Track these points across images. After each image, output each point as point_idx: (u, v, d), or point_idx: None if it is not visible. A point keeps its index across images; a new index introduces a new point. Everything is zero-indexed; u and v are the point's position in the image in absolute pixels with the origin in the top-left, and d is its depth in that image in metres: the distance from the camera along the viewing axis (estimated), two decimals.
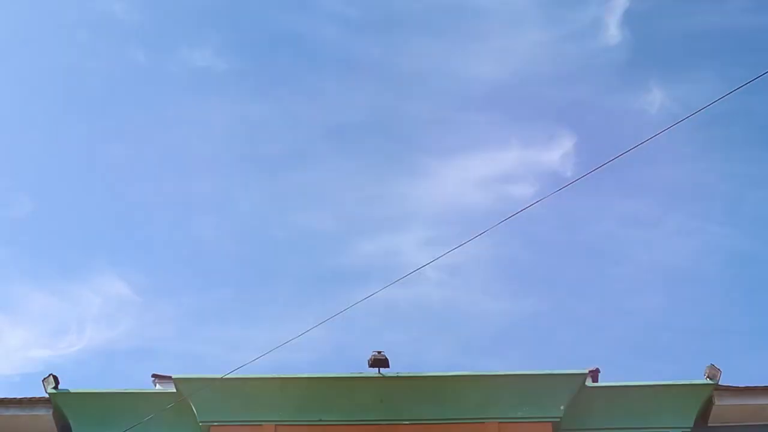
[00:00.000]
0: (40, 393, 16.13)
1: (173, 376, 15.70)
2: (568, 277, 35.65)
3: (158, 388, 16.75)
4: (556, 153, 34.72)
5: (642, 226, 35.19)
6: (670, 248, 35.00)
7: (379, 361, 15.83)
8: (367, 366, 15.92)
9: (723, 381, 16.17)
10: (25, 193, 34.86)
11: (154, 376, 17.12)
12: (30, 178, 35.57)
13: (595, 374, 16.86)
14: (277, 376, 15.78)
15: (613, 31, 33.51)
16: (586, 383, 16.05)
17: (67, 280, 36.00)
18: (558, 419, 15.53)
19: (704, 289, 35.65)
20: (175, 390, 15.64)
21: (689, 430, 15.88)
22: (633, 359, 34.51)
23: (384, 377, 15.75)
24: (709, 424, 16.29)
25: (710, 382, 16.05)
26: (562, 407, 15.56)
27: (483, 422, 15.48)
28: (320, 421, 15.49)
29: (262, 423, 15.48)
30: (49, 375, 16.04)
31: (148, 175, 36.20)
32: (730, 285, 35.42)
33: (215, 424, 15.50)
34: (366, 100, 35.88)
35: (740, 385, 16.32)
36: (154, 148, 36.13)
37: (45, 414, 16.09)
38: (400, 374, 15.78)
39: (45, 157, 35.65)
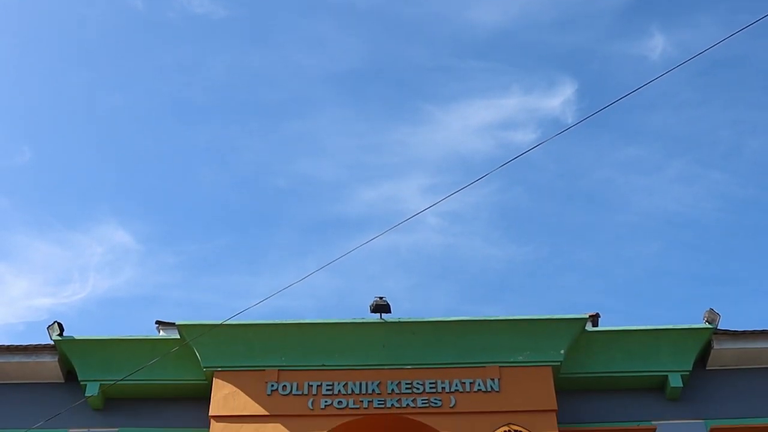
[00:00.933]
0: (45, 340, 16.33)
1: (177, 323, 15.84)
2: (569, 223, 35.76)
3: (162, 334, 16.90)
4: (557, 100, 34.62)
5: (642, 173, 35.21)
6: (670, 195, 35.06)
7: (381, 307, 15.97)
8: (369, 311, 16.08)
9: (722, 326, 16.35)
10: (24, 142, 34.85)
11: (157, 322, 17.26)
12: (29, 127, 35.53)
13: (595, 319, 17.00)
14: (280, 321, 15.93)
15: None
16: (586, 328, 16.21)
17: (68, 230, 36.09)
18: (558, 363, 15.69)
19: (704, 236, 35.76)
20: (178, 336, 15.79)
21: (688, 373, 16.05)
22: (633, 305, 34.76)
23: (386, 322, 15.89)
24: (708, 368, 16.50)
25: (709, 326, 16.20)
26: (562, 351, 15.72)
27: (484, 366, 15.64)
28: (323, 366, 15.64)
29: (265, 368, 15.64)
30: (54, 322, 16.20)
31: (148, 123, 36.13)
32: (729, 231, 35.53)
33: (219, 369, 15.65)
34: (366, 47, 35.67)
35: (738, 329, 16.49)
36: (153, 96, 36.03)
37: (50, 361, 16.27)
38: (401, 319, 15.92)
39: (44, 105, 35.52)
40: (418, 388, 15.44)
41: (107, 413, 16.04)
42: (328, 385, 15.46)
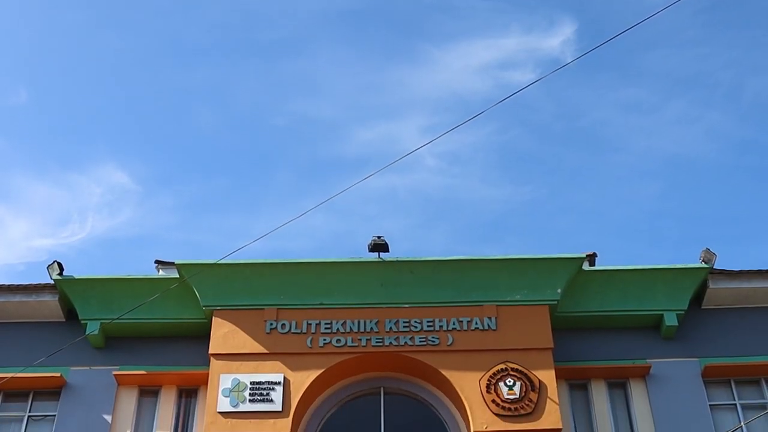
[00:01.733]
0: (46, 280, 16.42)
1: (176, 262, 15.92)
2: (567, 164, 35.76)
3: (161, 273, 17.01)
4: (557, 39, 34.36)
5: (642, 114, 35.11)
6: (669, 135, 35.01)
7: (379, 246, 16.03)
8: (367, 251, 16.15)
9: (718, 266, 16.46)
10: (20, 83, 34.65)
11: (157, 262, 17.36)
12: (25, 67, 35.30)
13: (592, 258, 17.11)
14: (278, 261, 16.01)
15: None
16: (583, 267, 16.31)
17: (66, 171, 36.09)
18: (555, 302, 15.82)
19: (703, 177, 35.80)
20: (178, 276, 15.88)
21: (683, 312, 16.19)
22: (630, 245, 34.92)
23: (384, 261, 15.97)
24: (703, 307, 16.64)
25: (705, 265, 16.30)
26: (559, 290, 15.84)
27: (481, 305, 15.77)
28: (321, 304, 15.77)
29: (264, 307, 15.77)
30: (54, 262, 16.28)
31: (146, 64, 35.90)
32: (728, 172, 35.56)
33: (218, 308, 15.78)
34: None
35: (734, 269, 16.59)
36: (149, 36, 35.76)
37: (51, 300, 16.39)
38: (399, 259, 16.00)
39: (40, 46, 35.26)
40: (415, 327, 15.58)
41: (108, 351, 16.20)
42: (326, 324, 15.61)
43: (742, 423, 15.01)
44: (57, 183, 35.88)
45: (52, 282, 16.27)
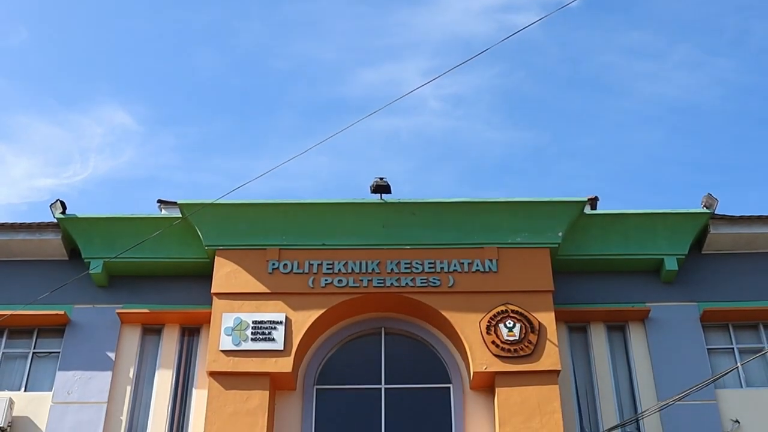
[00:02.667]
0: (49, 219, 16.47)
1: (178, 201, 15.95)
2: (571, 109, 35.61)
3: (164, 213, 17.05)
4: None
5: (647, 59, 34.86)
6: (674, 81, 34.81)
7: (381, 188, 16.03)
8: (370, 192, 16.17)
9: (719, 211, 16.48)
10: (20, 22, 34.36)
11: (159, 201, 17.39)
12: (24, 6, 34.96)
13: (593, 202, 17.12)
14: (281, 201, 16.04)
15: None
16: (585, 211, 16.33)
17: (68, 111, 35.96)
18: (556, 245, 15.88)
19: (706, 123, 35.67)
20: (180, 215, 15.92)
21: (683, 257, 16.25)
22: (632, 191, 34.93)
23: (386, 203, 15.99)
24: (703, 252, 16.70)
25: (706, 210, 16.32)
26: (560, 234, 15.88)
27: (482, 247, 15.83)
28: (323, 245, 15.83)
29: (267, 247, 15.84)
30: (57, 200, 16.32)
31: (147, 3, 35.57)
32: (732, 119, 35.43)
33: (221, 248, 15.85)
34: None
35: (735, 215, 16.61)
36: None
37: (54, 238, 16.46)
38: (401, 200, 16.02)
39: None
40: (417, 268, 15.66)
41: (111, 290, 16.32)
42: (328, 264, 15.68)
43: (738, 364, 15.14)
44: (59, 123, 35.80)
45: (55, 221, 16.33)
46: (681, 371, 15.25)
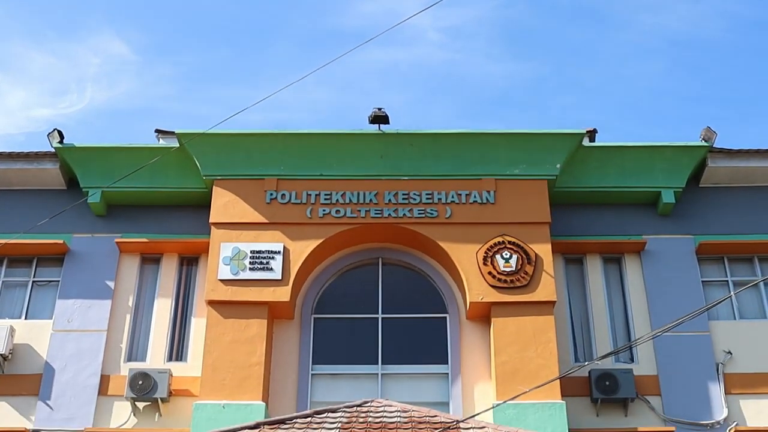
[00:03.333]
0: (46, 149, 16.44)
1: (176, 131, 15.91)
2: (571, 41, 35.33)
3: (162, 142, 17.01)
4: None
5: None
6: (676, 12, 34.47)
7: (380, 118, 15.98)
8: (368, 123, 16.11)
9: (718, 145, 16.46)
10: None
11: (157, 131, 17.34)
12: None
13: (592, 134, 17.08)
14: (279, 131, 16.01)
15: None
16: (583, 143, 16.30)
17: (64, 39, 35.65)
18: (554, 177, 15.89)
19: (707, 56, 35.44)
20: (178, 145, 15.89)
21: (681, 190, 16.28)
22: (631, 124, 34.87)
23: (384, 133, 15.96)
24: (701, 185, 16.72)
25: (705, 143, 16.31)
26: (558, 165, 15.88)
27: (480, 178, 15.83)
28: (321, 176, 15.83)
29: (264, 177, 15.84)
30: (54, 130, 16.28)
31: None
32: (734, 52, 35.19)
33: (219, 177, 15.85)
34: None
35: (734, 148, 16.60)
36: None
37: (52, 168, 16.46)
38: (399, 131, 15.98)
39: None
40: (414, 199, 15.69)
41: (110, 219, 16.37)
42: (326, 195, 15.71)
43: (732, 293, 15.26)
44: (54, 52, 35.51)
45: (53, 150, 16.30)
46: (676, 303, 15.36)
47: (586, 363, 14.48)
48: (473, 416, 12.27)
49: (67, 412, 14.69)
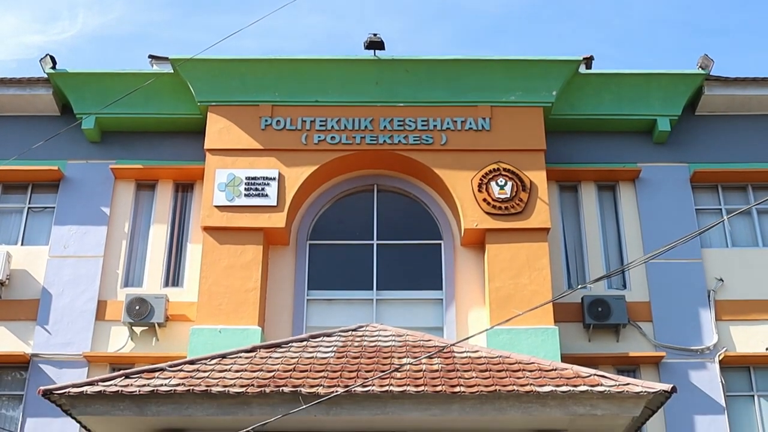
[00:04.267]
0: (39, 75, 16.32)
1: (170, 57, 15.78)
2: None
3: (156, 68, 16.88)
4: None
5: None
6: None
7: (375, 44, 15.85)
8: (363, 49, 16.00)
9: (714, 73, 16.39)
10: None
11: (150, 57, 17.19)
12: None
13: (588, 62, 16.97)
14: (273, 57, 15.88)
15: None
16: (579, 70, 16.21)
17: None
18: (549, 104, 15.84)
19: None
20: (172, 71, 15.78)
21: (677, 118, 16.26)
22: (628, 52, 34.60)
23: (379, 60, 15.85)
24: (697, 113, 16.69)
25: (701, 71, 16.23)
26: (554, 93, 15.82)
27: (476, 105, 15.77)
28: (316, 102, 15.76)
29: (259, 103, 15.76)
30: (46, 55, 16.15)
31: None
32: None
33: (213, 104, 15.77)
34: None
35: (730, 76, 16.54)
36: None
37: (45, 93, 16.37)
38: (395, 57, 15.87)
39: None
40: (410, 125, 15.65)
41: (104, 146, 16.33)
42: (321, 121, 15.66)
43: (725, 217, 15.33)
44: None
45: (46, 75, 16.19)
46: (669, 231, 15.42)
47: (579, 286, 14.64)
48: (467, 338, 12.45)
49: (65, 337, 14.83)
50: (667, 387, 9.81)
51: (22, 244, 15.77)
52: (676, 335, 14.89)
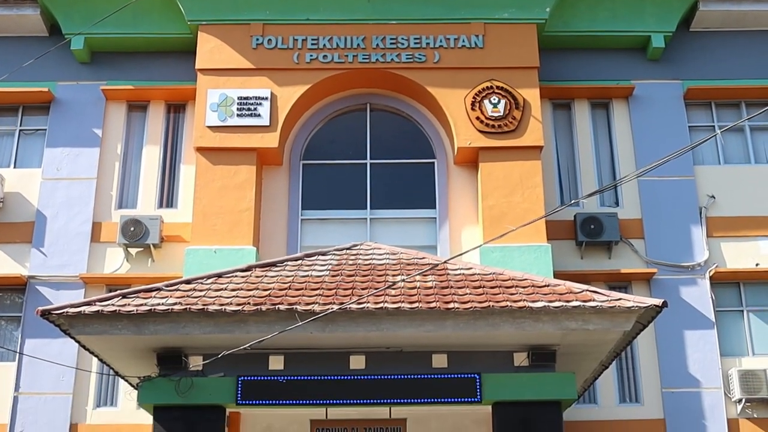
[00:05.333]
0: None
1: None
2: None
3: None
4: None
5: None
6: None
7: None
8: None
9: None
10: None
11: None
12: None
13: None
14: None
15: None
16: None
17: None
18: (543, 21, 15.68)
19: None
20: None
21: (671, 34, 16.13)
22: None
23: None
24: (691, 29, 16.56)
25: None
26: (547, 9, 15.64)
27: (468, 22, 15.59)
28: (308, 20, 15.57)
29: (250, 22, 15.57)
30: None
31: None
32: None
33: (204, 23, 15.58)
34: None
35: None
36: None
37: (33, 14, 16.16)
38: None
39: None
40: (402, 44, 15.51)
41: (94, 67, 16.19)
42: (313, 40, 15.50)
43: (717, 131, 15.30)
44: None
45: None
46: (662, 148, 15.34)
47: (572, 201, 14.69)
48: (460, 254, 12.51)
49: (61, 259, 14.91)
50: (658, 302, 9.91)
51: (14, 167, 15.73)
52: (668, 252, 15.03)
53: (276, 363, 10.59)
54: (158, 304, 10.09)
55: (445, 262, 11.50)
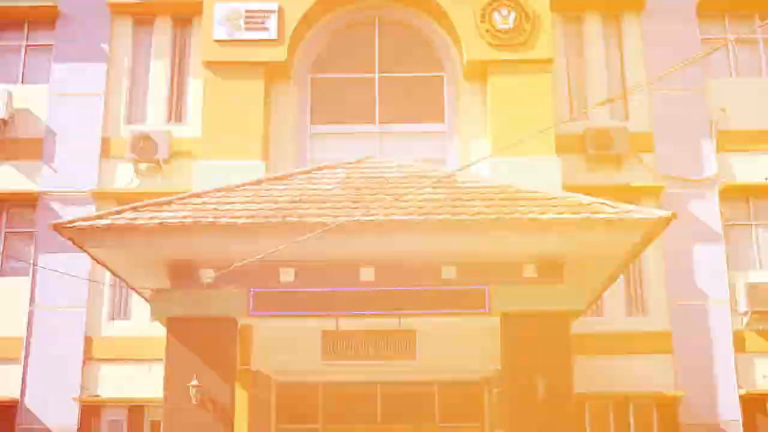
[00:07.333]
0: None
1: None
2: None
3: None
4: None
5: None
6: None
7: None
8: None
9: None
10: None
11: None
12: None
13: None
14: None
15: None
16: None
17: None
18: None
19: None
20: None
21: None
22: None
23: None
24: None
25: None
26: None
27: None
28: None
29: None
30: None
31: None
32: None
33: None
34: None
35: None
36: None
37: None
38: None
39: None
40: None
41: None
42: None
43: (729, 38, 15.05)
44: None
45: None
46: (674, 61, 15.20)
47: (583, 110, 14.57)
48: (468, 165, 12.45)
49: (71, 175, 14.95)
50: (667, 213, 9.92)
51: (22, 83, 15.67)
52: (677, 165, 15.00)
53: (287, 275, 10.68)
54: (169, 217, 10.14)
55: (454, 172, 11.46)
